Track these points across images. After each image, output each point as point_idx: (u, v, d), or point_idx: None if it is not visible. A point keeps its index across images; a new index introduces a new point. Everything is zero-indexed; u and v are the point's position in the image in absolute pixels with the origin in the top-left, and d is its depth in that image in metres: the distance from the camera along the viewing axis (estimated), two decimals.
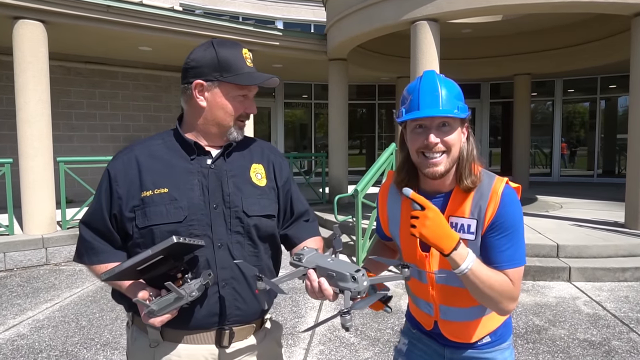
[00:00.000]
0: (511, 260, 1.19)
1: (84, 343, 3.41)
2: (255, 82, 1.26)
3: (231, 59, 1.26)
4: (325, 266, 1.09)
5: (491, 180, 1.24)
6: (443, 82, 1.23)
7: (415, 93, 1.23)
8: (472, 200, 1.23)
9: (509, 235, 1.20)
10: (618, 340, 3.34)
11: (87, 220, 1.31)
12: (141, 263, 1.12)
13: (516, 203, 1.22)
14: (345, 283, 1.04)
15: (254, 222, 1.30)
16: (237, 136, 1.32)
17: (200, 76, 1.26)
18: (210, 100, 1.27)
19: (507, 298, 1.18)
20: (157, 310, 1.13)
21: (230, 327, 1.28)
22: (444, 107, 1.19)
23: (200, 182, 1.28)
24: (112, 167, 1.29)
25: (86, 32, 6.64)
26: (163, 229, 1.21)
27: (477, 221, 1.21)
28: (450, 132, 1.21)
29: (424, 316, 1.38)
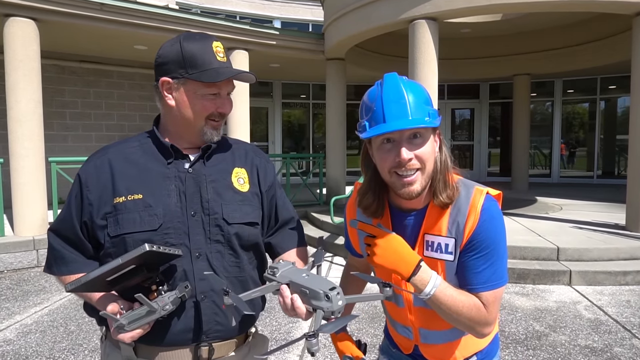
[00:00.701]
0: (487, 282, 1.09)
1: (71, 349, 3.32)
2: (220, 78, 1.15)
3: (197, 53, 1.15)
4: (299, 282, 1.00)
5: (469, 193, 1.12)
6: (408, 86, 1.08)
7: (377, 102, 1.07)
8: (448, 216, 1.11)
9: (487, 254, 1.09)
10: (620, 346, 3.26)
11: (57, 228, 1.22)
12: (110, 273, 1.03)
13: (497, 218, 1.10)
14: (318, 301, 0.95)
15: (235, 230, 1.21)
16: (212, 137, 1.22)
17: (166, 73, 1.17)
18: (178, 99, 1.18)
19: (479, 323, 1.09)
20: (126, 325, 1.04)
21: (209, 343, 1.18)
22: (413, 117, 1.04)
23: (177, 188, 1.19)
24: (83, 171, 1.20)
25: (80, 31, 6.55)
26: (136, 237, 1.12)
27: (456, 240, 1.10)
28: (423, 143, 1.07)
29: (403, 340, 1.29)
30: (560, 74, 11.34)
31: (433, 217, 1.13)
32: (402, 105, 1.05)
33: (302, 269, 1.08)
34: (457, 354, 1.21)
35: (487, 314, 1.09)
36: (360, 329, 3.60)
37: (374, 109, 1.07)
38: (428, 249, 1.14)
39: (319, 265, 1.11)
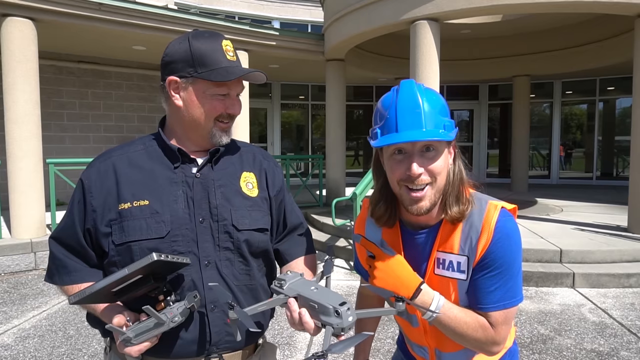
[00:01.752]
0: (497, 302, 1.04)
1: (70, 354, 3.26)
2: (231, 77, 1.10)
3: (207, 52, 1.11)
4: (308, 296, 0.95)
5: (482, 208, 1.07)
6: (425, 94, 1.02)
7: (391, 109, 1.02)
8: (461, 233, 1.07)
9: (499, 274, 1.04)
10: (627, 350, 3.22)
11: (58, 236, 1.16)
12: (116, 284, 0.98)
13: (512, 237, 1.05)
14: (328, 317, 0.91)
15: (244, 236, 1.16)
16: (222, 140, 1.17)
17: (174, 72, 1.12)
18: (186, 99, 1.13)
19: (485, 343, 1.05)
20: (133, 338, 0.99)
21: (220, 354, 1.14)
22: (427, 128, 0.99)
23: (184, 193, 1.14)
24: (86, 176, 1.15)
25: (78, 31, 6.48)
26: (143, 245, 1.07)
27: (468, 258, 1.05)
28: (436, 157, 1.02)
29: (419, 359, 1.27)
30: (559, 75, 11.34)
31: (446, 233, 1.09)
32: (416, 115, 1.00)
33: (311, 281, 1.03)
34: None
35: (494, 334, 1.05)
36: None
37: (387, 116, 1.03)
38: (439, 267, 1.09)
39: (328, 276, 1.07)
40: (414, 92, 1.02)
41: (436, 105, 1.02)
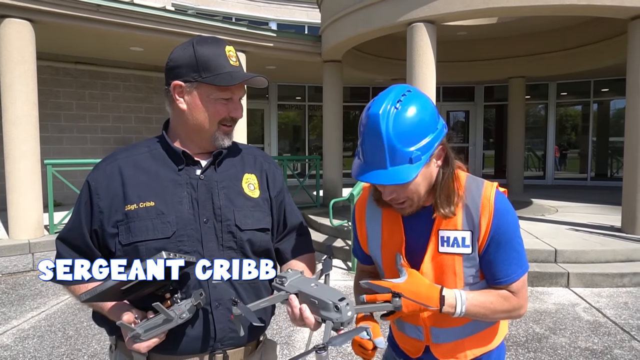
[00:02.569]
0: (513, 273, 1.13)
1: (70, 354, 3.28)
2: (235, 82, 1.14)
3: (211, 57, 1.15)
4: (308, 292, 1.00)
5: (480, 186, 1.14)
6: (393, 123, 0.99)
7: (362, 136, 1.04)
8: (463, 210, 1.13)
9: (509, 247, 1.12)
10: (620, 348, 3.28)
11: (65, 237, 1.20)
12: (126, 282, 1.01)
13: (511, 210, 1.14)
14: (328, 312, 0.95)
15: (247, 236, 1.20)
16: (224, 142, 1.21)
17: (179, 77, 1.16)
18: (190, 103, 1.16)
19: (513, 310, 1.14)
20: (143, 334, 1.03)
21: (223, 351, 1.17)
22: (392, 166, 1.00)
23: (189, 195, 1.17)
24: (92, 178, 1.18)
25: (76, 32, 6.49)
26: (150, 245, 1.11)
27: (472, 232, 1.11)
28: (408, 184, 1.05)
29: (412, 342, 1.27)
30: (554, 77, 11.43)
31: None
32: (380, 152, 1.00)
33: (311, 279, 1.07)
34: (467, 351, 1.22)
35: (518, 300, 1.14)
36: None
37: (360, 140, 1.07)
38: (444, 244, 1.14)
39: (327, 274, 1.11)
40: (377, 123, 1.00)
41: (403, 136, 1.00)
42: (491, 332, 1.25)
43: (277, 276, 1.08)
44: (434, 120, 1.06)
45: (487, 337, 1.24)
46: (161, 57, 8.50)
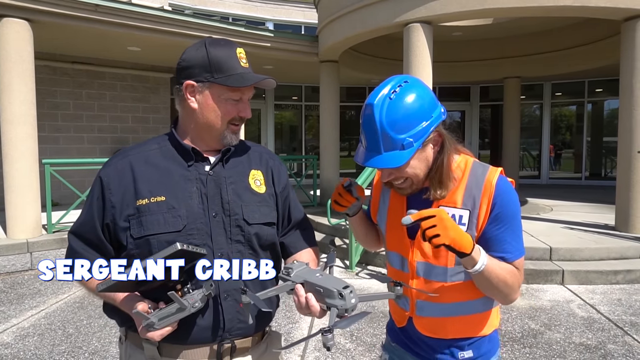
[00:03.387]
0: (517, 250, 1.16)
1: (71, 352, 3.30)
2: (246, 83, 1.19)
3: (223, 58, 1.19)
4: (313, 281, 1.05)
5: (485, 169, 1.20)
6: (386, 112, 1.08)
7: (361, 124, 1.14)
8: (464, 189, 1.18)
9: (512, 225, 1.16)
10: (613, 343, 3.34)
11: (78, 231, 1.23)
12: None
13: (512, 192, 1.18)
14: (333, 300, 1.00)
15: (254, 230, 1.25)
16: (232, 141, 1.26)
17: (191, 77, 1.19)
18: (201, 103, 1.21)
19: (517, 288, 1.17)
20: (157, 323, 1.06)
21: (231, 341, 1.21)
22: (385, 151, 1.10)
23: (198, 190, 1.21)
24: (104, 174, 1.22)
25: (74, 32, 6.50)
26: (161, 238, 1.15)
27: (470, 212, 1.16)
28: (403, 166, 1.14)
29: (399, 312, 1.32)
30: (549, 77, 11.54)
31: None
32: (374, 138, 1.11)
33: (316, 269, 1.12)
34: (448, 331, 1.23)
35: (519, 279, 1.16)
36: (359, 329, 3.64)
37: (361, 128, 1.16)
38: None
39: (331, 266, 1.15)
40: (372, 114, 1.09)
41: (396, 124, 1.08)
42: (479, 319, 1.25)
43: (284, 267, 1.13)
44: (429, 109, 1.13)
45: (473, 323, 1.24)
46: (158, 57, 8.52)
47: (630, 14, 5.46)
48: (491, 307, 1.26)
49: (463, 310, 1.23)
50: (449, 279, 1.20)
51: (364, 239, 1.49)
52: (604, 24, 7.21)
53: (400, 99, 1.10)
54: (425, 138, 1.12)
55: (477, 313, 1.24)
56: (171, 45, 7.24)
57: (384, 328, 3.64)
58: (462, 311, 1.23)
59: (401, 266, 1.29)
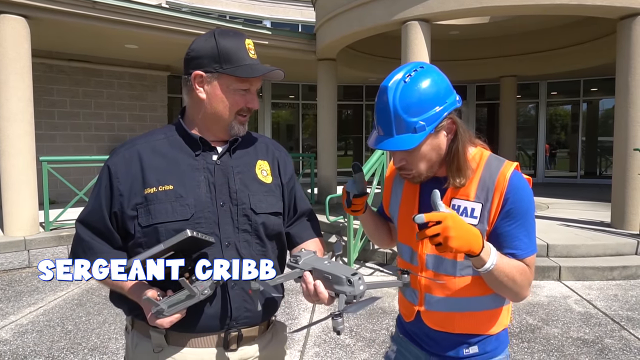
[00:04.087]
0: (528, 247, 1.14)
1: (70, 348, 3.30)
2: (255, 74, 1.20)
3: (232, 49, 1.20)
4: (322, 269, 1.06)
5: (501, 163, 1.18)
6: (400, 95, 1.09)
7: (375, 108, 1.15)
8: (478, 182, 1.17)
9: (525, 222, 1.14)
10: (610, 338, 3.37)
11: (85, 219, 1.23)
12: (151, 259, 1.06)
13: (527, 187, 1.16)
14: (341, 286, 1.01)
15: (261, 219, 1.26)
16: (239, 131, 1.27)
17: (199, 67, 1.20)
18: (210, 93, 1.21)
19: (527, 286, 1.14)
20: (166, 310, 1.07)
21: (238, 329, 1.22)
22: (397, 134, 1.10)
23: (206, 179, 1.22)
24: (112, 162, 1.22)
25: (71, 29, 6.48)
26: (169, 227, 1.15)
27: (483, 205, 1.15)
28: (414, 151, 1.13)
29: (407, 305, 1.31)
30: (545, 76, 11.59)
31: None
32: (387, 121, 1.11)
33: (324, 257, 1.13)
34: (456, 326, 1.22)
35: (529, 276, 1.14)
36: (359, 324, 3.65)
37: (374, 112, 1.16)
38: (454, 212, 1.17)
39: (338, 254, 1.17)
40: (385, 96, 1.10)
41: (409, 107, 1.09)
42: (488, 316, 1.22)
43: (292, 255, 1.15)
44: (443, 95, 1.13)
45: (482, 320, 1.22)
46: (156, 55, 8.50)
47: (627, 13, 5.50)
48: (502, 304, 1.23)
49: (472, 306, 1.21)
50: (458, 272, 1.19)
51: (376, 236, 1.48)
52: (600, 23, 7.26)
53: (414, 82, 1.10)
54: (438, 123, 1.12)
55: (487, 310, 1.22)
56: (169, 43, 7.23)
57: (383, 324, 3.67)
58: (471, 307, 1.21)
59: (410, 259, 1.28)
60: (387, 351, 1.46)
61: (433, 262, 1.22)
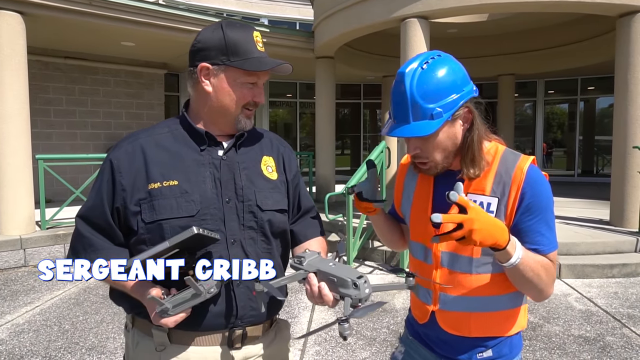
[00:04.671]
0: (551, 242, 1.11)
1: (68, 347, 3.26)
2: (263, 67, 1.16)
3: (240, 41, 1.16)
4: (327, 271, 1.03)
5: (517, 158, 1.15)
6: (417, 81, 1.07)
7: (391, 96, 1.13)
8: (494, 176, 1.13)
9: (545, 216, 1.10)
10: (612, 335, 3.36)
11: (86, 215, 1.19)
12: (156, 257, 1.03)
13: (545, 182, 1.12)
14: (346, 289, 0.99)
15: (267, 216, 1.22)
16: (246, 126, 1.23)
17: (206, 59, 1.16)
18: (216, 86, 1.17)
19: (551, 283, 1.11)
20: (171, 309, 1.04)
21: (243, 328, 1.19)
22: (414, 121, 1.08)
23: (212, 174, 1.18)
24: (114, 156, 1.18)
25: (67, 26, 6.42)
26: (173, 223, 1.11)
27: (499, 199, 1.11)
28: (430, 139, 1.11)
29: (421, 306, 1.27)
30: (543, 75, 11.61)
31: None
32: (403, 108, 1.09)
33: (328, 259, 1.10)
34: (472, 328, 1.17)
35: (554, 273, 1.11)
36: (359, 323, 3.63)
37: (390, 100, 1.13)
38: None
39: (342, 255, 1.14)
40: (402, 82, 1.09)
41: (426, 94, 1.07)
42: (505, 316, 1.18)
43: (296, 256, 1.11)
44: (460, 83, 1.11)
45: (499, 321, 1.17)
46: (153, 52, 8.45)
47: (626, 10, 5.50)
48: (520, 304, 1.20)
49: (489, 306, 1.16)
50: (474, 270, 1.15)
51: (388, 237, 1.45)
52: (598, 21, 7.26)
53: (432, 69, 1.08)
54: (455, 110, 1.09)
55: (504, 310, 1.17)
56: (166, 41, 7.18)
57: (383, 322, 3.65)
58: (487, 307, 1.16)
59: (424, 257, 1.24)
60: (393, 352, 1.43)
61: (448, 259, 1.18)
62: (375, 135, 13.51)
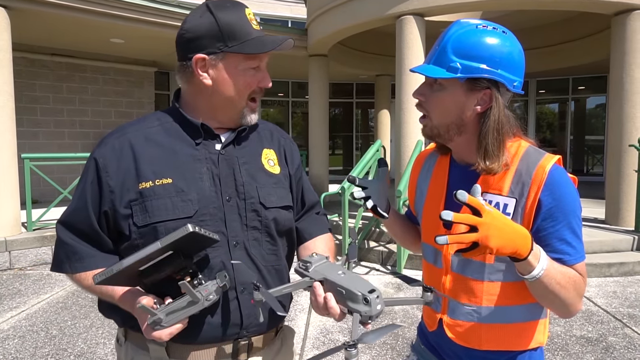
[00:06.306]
0: (577, 252, 0.99)
1: (55, 354, 3.12)
2: (266, 49, 1.04)
3: (235, 23, 1.03)
4: (335, 280, 0.91)
5: (539, 156, 1.03)
6: (461, 33, 1.01)
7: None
8: (513, 174, 1.02)
9: (571, 222, 0.99)
10: (614, 336, 3.32)
11: (67, 220, 1.07)
12: (146, 260, 0.92)
13: (570, 184, 1.00)
14: (356, 304, 0.86)
15: (272, 215, 1.12)
16: (251, 120, 1.12)
17: (200, 49, 1.03)
18: (216, 78, 1.05)
19: (579, 299, 0.99)
20: (164, 319, 0.92)
21: (248, 338, 1.09)
22: (433, 63, 1.03)
23: (209, 171, 1.07)
24: (99, 154, 1.05)
25: (54, 21, 6.24)
26: (169, 226, 1.00)
27: (517, 201, 1.00)
28: (439, 93, 1.04)
29: (430, 314, 1.19)
30: (534, 74, 11.64)
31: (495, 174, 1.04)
32: (434, 50, 1.05)
33: (337, 265, 0.99)
34: (483, 340, 1.07)
35: (583, 287, 0.99)
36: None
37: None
38: None
39: (354, 260, 1.03)
40: (451, 27, 1.05)
41: (459, 47, 1.01)
42: (520, 329, 1.07)
43: (301, 261, 1.00)
44: (500, 62, 1.00)
45: (513, 334, 1.07)
46: (142, 49, 8.28)
47: (621, 8, 5.49)
48: (538, 317, 1.08)
49: (502, 317, 1.06)
50: (486, 277, 1.04)
51: (403, 240, 1.37)
52: (592, 20, 7.26)
53: (484, 33, 1.01)
54: (473, 78, 1.00)
55: (519, 322, 1.07)
56: (156, 38, 7.03)
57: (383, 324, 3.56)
58: (500, 318, 1.06)
59: (434, 260, 1.15)
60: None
61: (459, 263, 1.08)
62: (368, 135, 13.44)
